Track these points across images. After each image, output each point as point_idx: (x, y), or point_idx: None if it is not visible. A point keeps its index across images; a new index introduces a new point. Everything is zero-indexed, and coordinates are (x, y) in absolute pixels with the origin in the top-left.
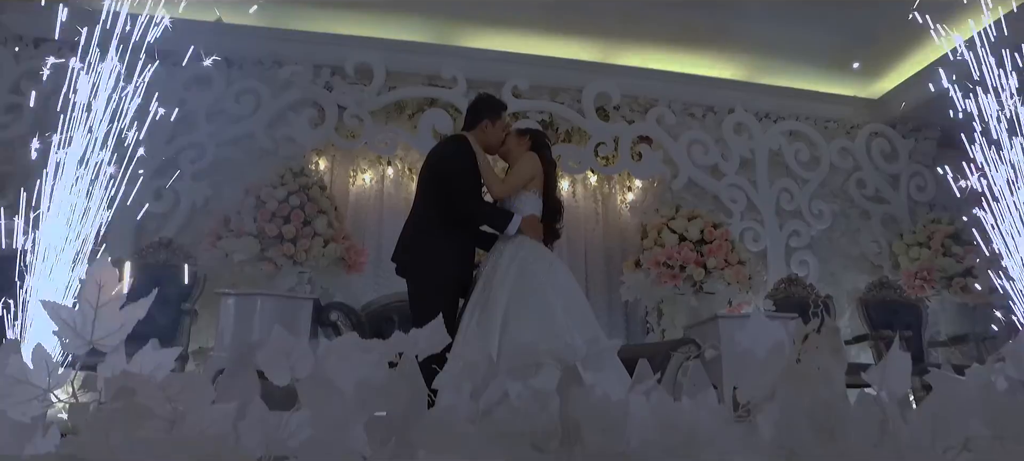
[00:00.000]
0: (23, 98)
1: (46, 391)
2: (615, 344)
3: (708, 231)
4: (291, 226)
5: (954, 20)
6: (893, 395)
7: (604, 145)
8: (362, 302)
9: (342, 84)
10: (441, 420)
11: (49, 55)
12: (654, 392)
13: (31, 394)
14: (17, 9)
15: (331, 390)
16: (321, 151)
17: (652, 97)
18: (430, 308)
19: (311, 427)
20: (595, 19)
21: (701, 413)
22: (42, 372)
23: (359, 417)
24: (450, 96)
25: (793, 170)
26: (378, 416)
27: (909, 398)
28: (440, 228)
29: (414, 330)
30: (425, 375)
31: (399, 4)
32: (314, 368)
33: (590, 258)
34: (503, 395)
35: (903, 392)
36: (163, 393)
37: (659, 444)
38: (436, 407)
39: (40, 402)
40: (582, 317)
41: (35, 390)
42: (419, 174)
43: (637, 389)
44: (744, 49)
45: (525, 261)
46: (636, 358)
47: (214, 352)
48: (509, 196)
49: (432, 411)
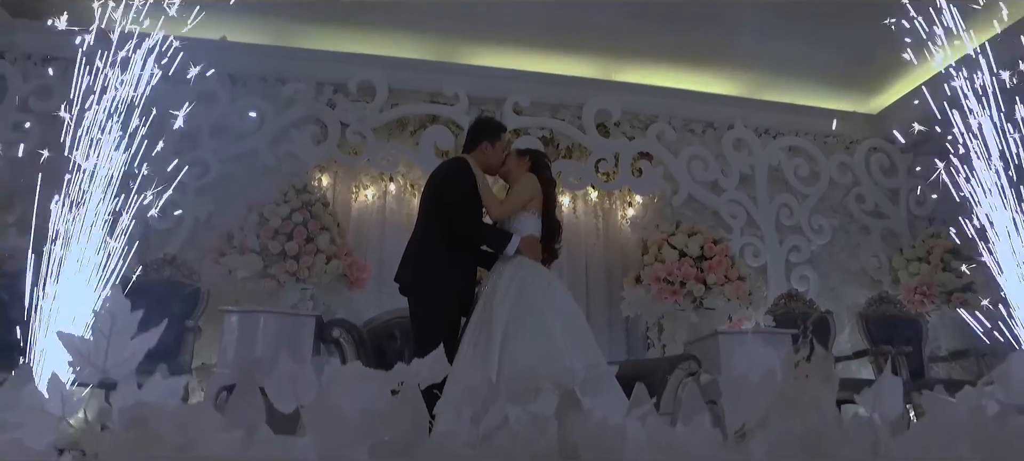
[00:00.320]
0: (31, 116)
1: (61, 419)
2: (613, 369)
3: (708, 247)
4: (294, 243)
5: (947, 37)
6: (886, 417)
7: (604, 161)
8: (364, 318)
9: (345, 101)
10: (441, 445)
11: (57, 74)
12: (650, 416)
13: (46, 422)
14: (26, 28)
15: (336, 417)
16: (324, 167)
17: (652, 113)
18: (432, 326)
19: (316, 452)
20: (595, 37)
21: (695, 438)
22: (57, 400)
23: (363, 443)
24: (452, 113)
25: (793, 185)
26: (381, 441)
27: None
28: (441, 248)
29: (416, 360)
30: (426, 397)
31: (401, 22)
32: (319, 395)
33: (591, 273)
34: (503, 419)
35: (896, 414)
36: (175, 422)
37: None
38: (436, 431)
39: (55, 430)
40: (580, 337)
41: (50, 418)
42: (421, 195)
43: (633, 413)
44: (743, 66)
45: (524, 281)
46: (637, 374)
47: (217, 368)
48: (508, 217)
49: (433, 436)
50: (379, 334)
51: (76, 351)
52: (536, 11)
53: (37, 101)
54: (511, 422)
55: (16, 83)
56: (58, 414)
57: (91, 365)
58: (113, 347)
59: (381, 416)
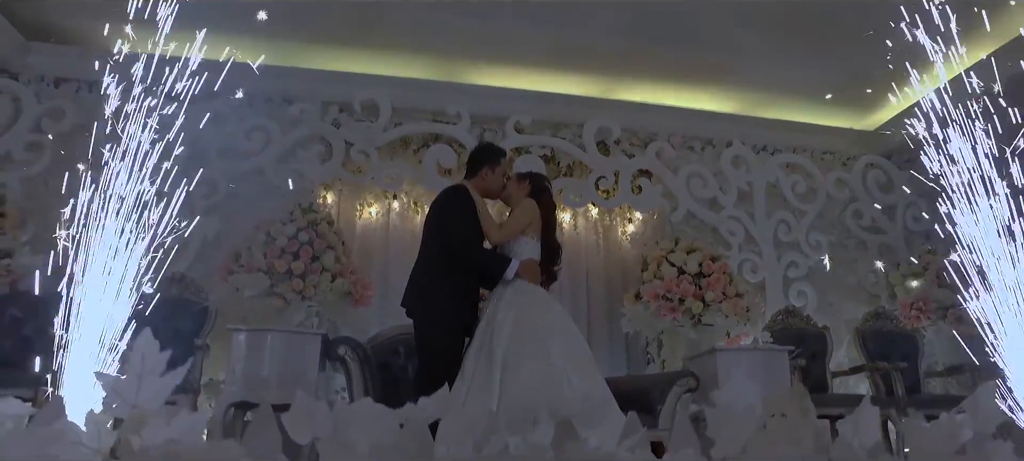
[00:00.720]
0: (44, 136)
1: (97, 452)
2: (611, 397)
3: (706, 264)
4: (300, 262)
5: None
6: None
7: (604, 179)
8: (368, 334)
9: (349, 120)
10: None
11: (68, 95)
12: (639, 447)
13: (82, 455)
14: (39, 51)
15: (349, 451)
16: (329, 185)
17: (651, 131)
18: (437, 349)
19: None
20: (595, 57)
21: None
22: (95, 436)
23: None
24: (454, 132)
25: (790, 202)
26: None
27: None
28: (445, 273)
29: (422, 399)
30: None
31: (405, 43)
32: (334, 430)
33: (592, 288)
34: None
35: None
36: (201, 456)
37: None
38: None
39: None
40: (579, 359)
41: (89, 452)
42: (424, 221)
43: (624, 443)
44: (741, 84)
45: (523, 305)
46: (636, 390)
47: (225, 386)
48: (507, 241)
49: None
50: (383, 350)
51: (111, 389)
52: (537, 32)
53: (50, 122)
54: (511, 449)
55: (30, 104)
56: (95, 447)
57: (124, 400)
58: (144, 384)
59: (391, 449)
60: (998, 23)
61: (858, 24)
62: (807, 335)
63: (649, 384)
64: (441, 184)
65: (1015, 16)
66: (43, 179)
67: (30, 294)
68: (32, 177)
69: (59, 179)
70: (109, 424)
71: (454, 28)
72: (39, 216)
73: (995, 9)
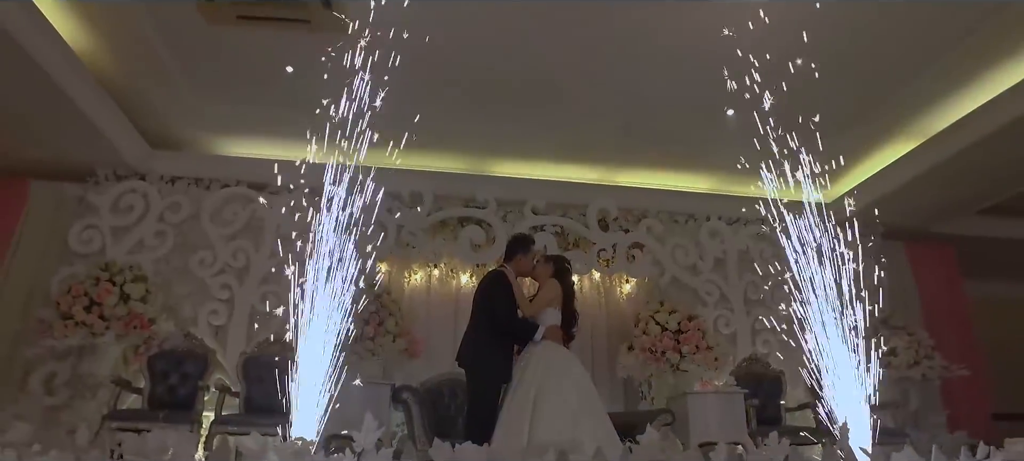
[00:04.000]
0: (166, 226)
1: None
2: (619, 444)
3: (684, 323)
4: (370, 327)
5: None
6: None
7: (605, 250)
8: (418, 379)
9: (400, 207)
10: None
11: (181, 190)
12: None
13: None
14: (162, 156)
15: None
16: (383, 258)
17: (643, 209)
18: (485, 394)
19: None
20: (596, 150)
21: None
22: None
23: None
24: (483, 214)
25: (758, 267)
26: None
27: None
28: (489, 335)
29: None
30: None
31: (443, 143)
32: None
33: (595, 340)
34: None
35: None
36: None
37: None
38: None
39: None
40: (591, 405)
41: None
42: (474, 297)
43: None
44: (716, 167)
45: (549, 361)
46: (626, 424)
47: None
48: (536, 313)
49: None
50: (432, 393)
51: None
52: (549, 133)
53: (170, 214)
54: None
55: (155, 200)
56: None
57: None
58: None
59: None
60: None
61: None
62: (765, 379)
63: (638, 419)
64: (473, 256)
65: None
66: (166, 260)
67: (197, 352)
68: (157, 259)
69: (181, 259)
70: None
71: (482, 132)
72: (168, 290)
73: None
